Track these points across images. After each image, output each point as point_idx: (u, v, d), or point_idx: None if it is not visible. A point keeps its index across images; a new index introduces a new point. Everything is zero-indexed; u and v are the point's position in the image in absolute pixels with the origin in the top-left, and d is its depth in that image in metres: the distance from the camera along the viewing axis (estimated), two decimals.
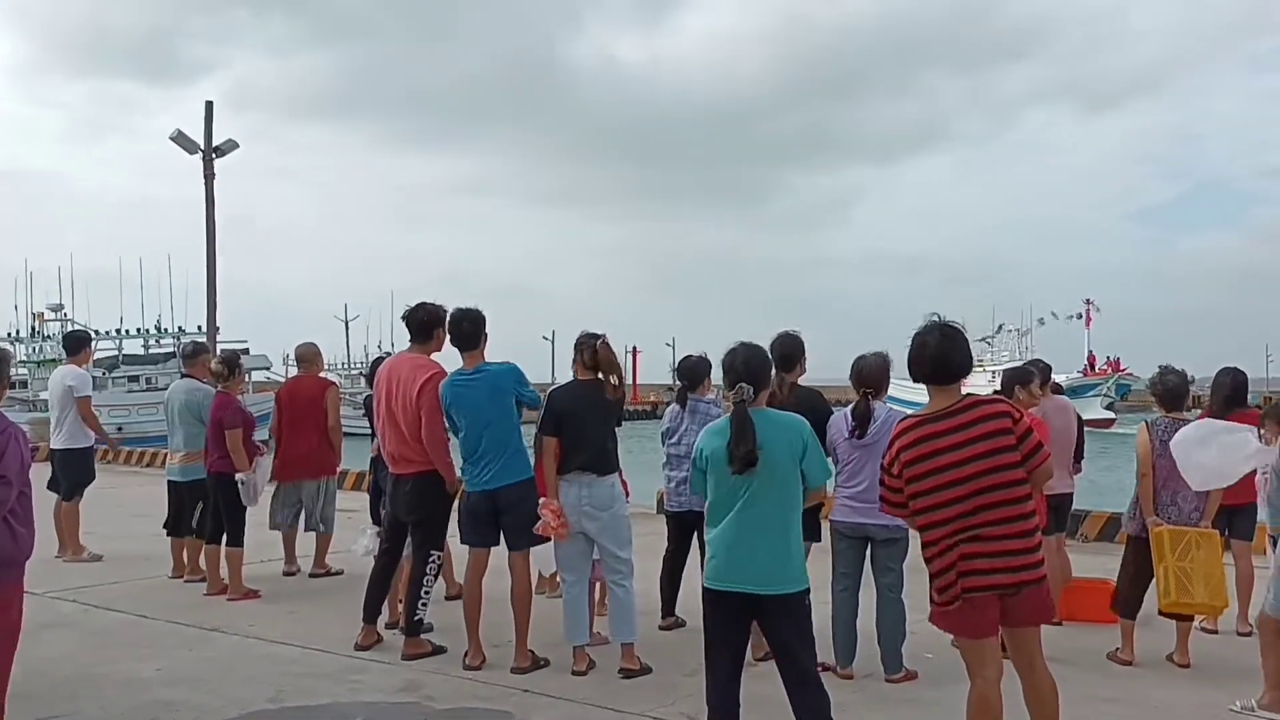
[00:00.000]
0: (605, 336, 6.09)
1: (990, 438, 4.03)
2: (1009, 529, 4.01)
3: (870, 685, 5.80)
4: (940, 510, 4.05)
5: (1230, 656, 6.41)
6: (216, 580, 8.12)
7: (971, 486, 4.00)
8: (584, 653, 6.02)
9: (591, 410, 5.95)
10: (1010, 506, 4.02)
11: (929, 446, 4.08)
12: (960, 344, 4.23)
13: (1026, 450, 4.05)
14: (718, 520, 4.26)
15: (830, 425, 5.99)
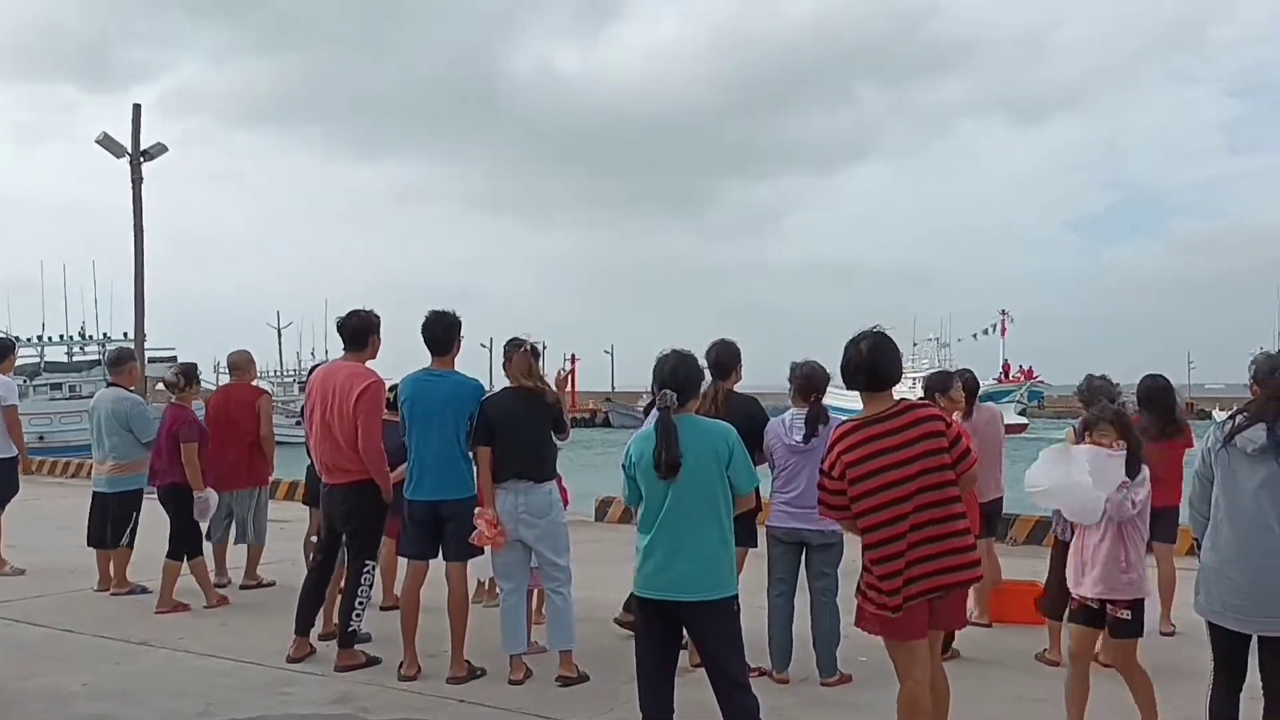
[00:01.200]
0: (529, 345, 6.04)
1: (928, 439, 4.17)
2: (947, 528, 4.15)
3: (805, 689, 5.86)
4: (885, 511, 4.14)
5: (1154, 656, 6.57)
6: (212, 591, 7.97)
7: (914, 486, 4.12)
8: (521, 661, 5.99)
9: (524, 417, 5.92)
10: (946, 507, 4.16)
11: (872, 448, 4.17)
12: (892, 351, 4.37)
13: (956, 455, 4.21)
14: (647, 528, 4.29)
15: (767, 431, 6.05)
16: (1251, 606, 4.21)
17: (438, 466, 5.97)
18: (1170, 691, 5.77)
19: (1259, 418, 4.25)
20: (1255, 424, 4.23)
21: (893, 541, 4.13)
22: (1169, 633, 6.98)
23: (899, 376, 4.35)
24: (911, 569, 4.12)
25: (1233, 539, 4.27)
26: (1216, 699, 4.40)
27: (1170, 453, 7.02)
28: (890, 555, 4.13)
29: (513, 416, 5.93)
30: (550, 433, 6.02)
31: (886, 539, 4.14)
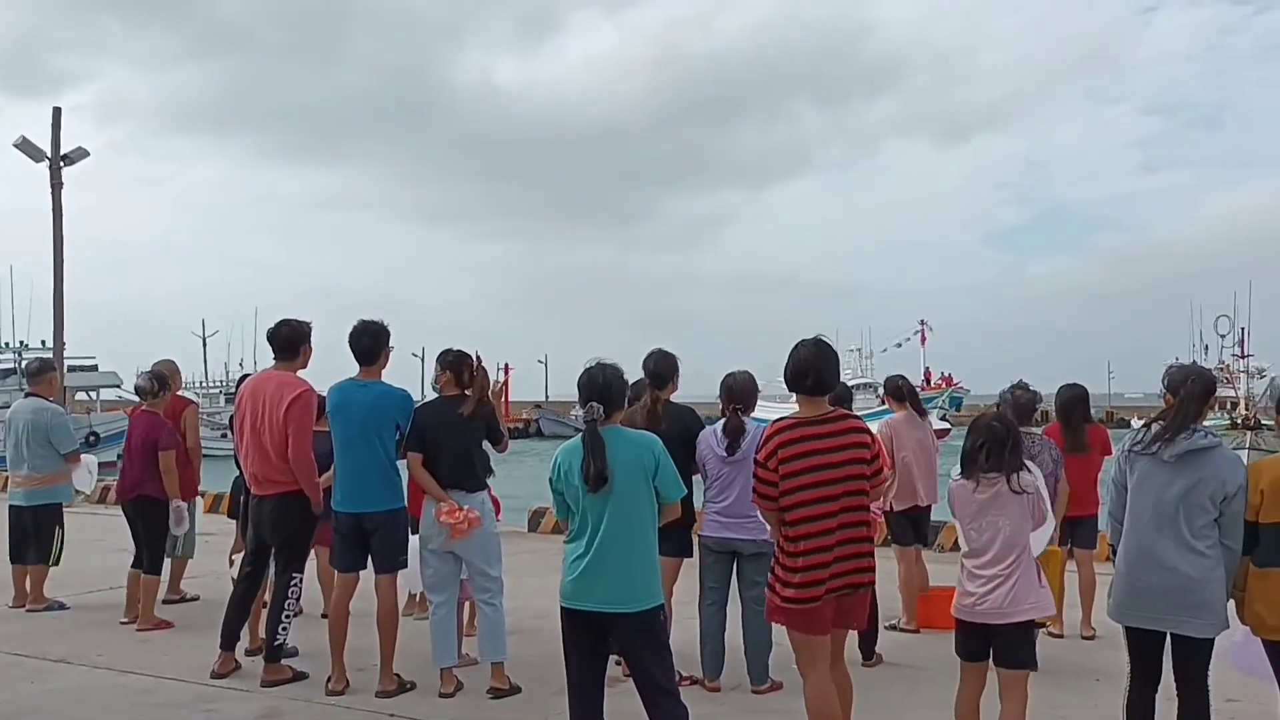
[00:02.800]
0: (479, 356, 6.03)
1: (856, 448, 4.44)
2: (860, 532, 4.45)
3: (737, 697, 5.90)
4: (815, 507, 4.37)
5: (1075, 659, 6.74)
6: (135, 607, 7.74)
7: (842, 489, 4.39)
8: (451, 674, 5.95)
9: (456, 426, 5.89)
10: (862, 512, 4.48)
11: (807, 446, 4.40)
12: (834, 359, 4.62)
13: (874, 469, 4.52)
14: (575, 539, 4.32)
15: (700, 441, 6.08)
16: (1163, 607, 4.35)
17: (363, 478, 5.90)
18: (1090, 692, 5.95)
19: (1172, 426, 4.39)
20: (1169, 432, 4.38)
21: (821, 536, 4.36)
22: (1089, 637, 7.18)
23: (836, 385, 4.65)
24: (836, 565, 4.37)
25: (1145, 543, 4.41)
26: (1133, 700, 4.53)
27: (1088, 462, 7.22)
28: (818, 549, 4.35)
29: (445, 425, 5.89)
30: (481, 442, 5.99)
31: (814, 533, 4.36)
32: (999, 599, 4.49)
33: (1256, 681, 4.70)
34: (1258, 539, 4.32)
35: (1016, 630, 4.50)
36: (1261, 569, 4.32)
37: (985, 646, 4.57)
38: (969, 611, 4.59)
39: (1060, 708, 5.68)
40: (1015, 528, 4.53)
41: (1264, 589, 4.31)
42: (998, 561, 4.53)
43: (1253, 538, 4.33)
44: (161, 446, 7.61)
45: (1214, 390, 4.61)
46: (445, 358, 6.09)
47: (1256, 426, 34.93)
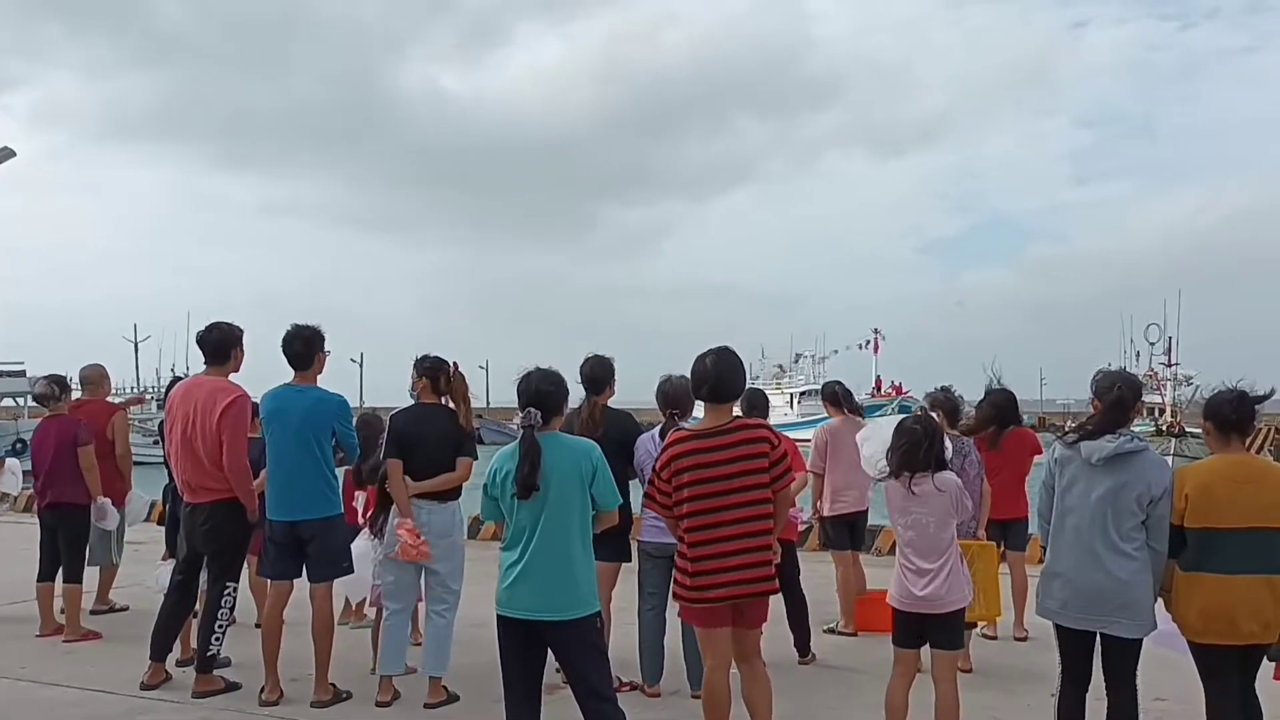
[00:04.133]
0: (457, 364, 6.00)
1: (747, 459, 4.49)
2: (755, 541, 4.49)
3: (676, 701, 5.91)
4: (704, 517, 4.49)
5: (1008, 660, 6.86)
6: (50, 620, 7.52)
7: (735, 499, 4.47)
8: (390, 683, 5.89)
9: (433, 435, 5.84)
10: (757, 522, 4.49)
11: (696, 459, 4.51)
12: (736, 367, 4.69)
13: (776, 474, 4.53)
14: (510, 545, 4.31)
15: (638, 446, 6.08)
16: (1091, 606, 4.45)
17: (298, 485, 5.81)
18: (1022, 692, 6.05)
19: (1100, 430, 4.50)
20: (1097, 436, 4.48)
21: (714, 544, 4.48)
22: (1022, 638, 7.31)
23: (739, 393, 4.76)
24: (722, 574, 4.47)
25: (1074, 544, 4.51)
26: (1064, 699, 4.63)
27: (1018, 465, 7.36)
28: (712, 555, 4.48)
29: (422, 433, 5.85)
30: (456, 451, 5.89)
31: (707, 541, 4.49)
32: (935, 590, 4.80)
33: (1183, 681, 4.83)
34: (1185, 543, 4.43)
35: (951, 616, 4.86)
36: (1188, 572, 4.43)
37: (920, 633, 4.89)
38: (910, 602, 4.86)
39: (994, 708, 5.78)
40: (940, 522, 4.86)
41: (1191, 592, 4.42)
42: (929, 555, 4.84)
43: (1180, 542, 4.45)
44: (80, 442, 7.44)
45: (1140, 395, 4.71)
46: (422, 364, 6.04)
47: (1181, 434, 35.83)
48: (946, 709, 4.84)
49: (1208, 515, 4.36)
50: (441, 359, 6.03)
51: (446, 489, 5.86)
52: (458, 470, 5.85)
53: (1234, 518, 4.33)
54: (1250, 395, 4.48)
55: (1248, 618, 4.34)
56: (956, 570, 4.87)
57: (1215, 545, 4.35)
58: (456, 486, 5.93)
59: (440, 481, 5.82)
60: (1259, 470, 4.47)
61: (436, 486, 5.82)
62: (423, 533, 5.78)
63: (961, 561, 4.93)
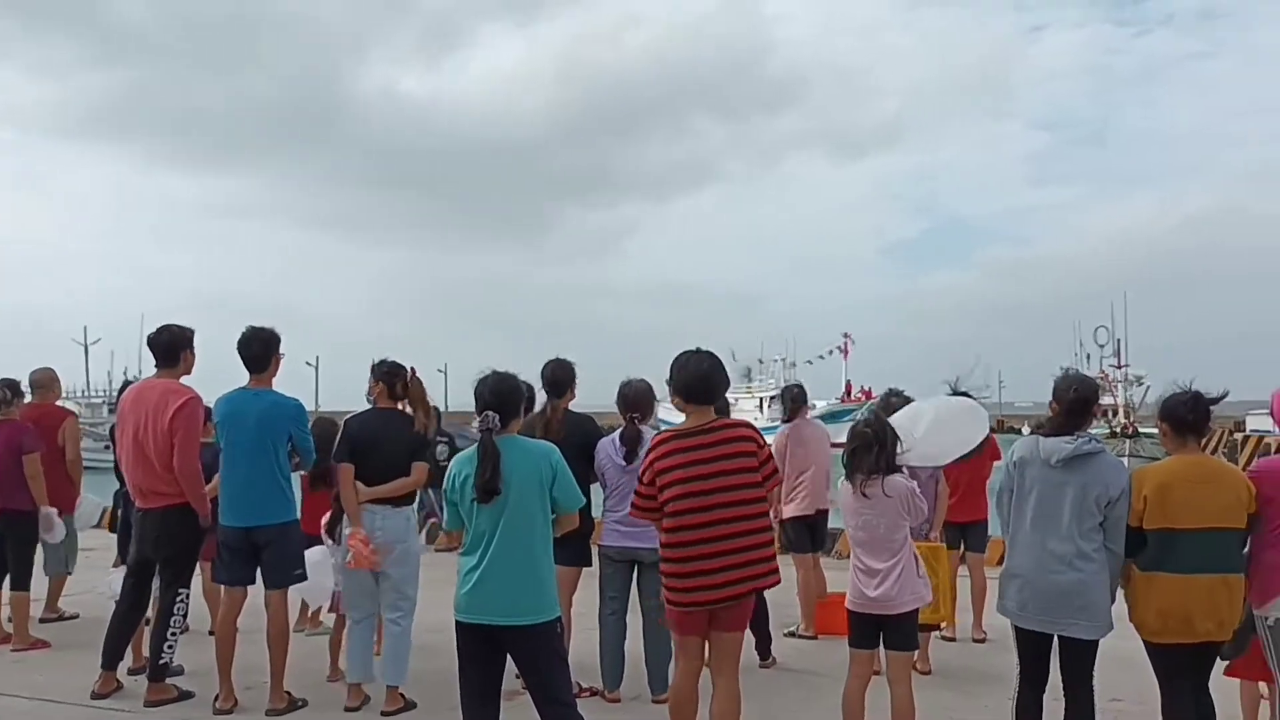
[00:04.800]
0: (414, 368, 5.94)
1: (736, 457, 4.46)
2: (745, 541, 4.46)
3: (637, 707, 5.89)
4: (687, 517, 4.44)
5: (966, 662, 6.91)
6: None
7: (718, 499, 4.42)
8: (360, 689, 5.84)
9: (389, 439, 5.78)
10: (748, 521, 4.46)
11: (681, 459, 4.46)
12: (719, 368, 4.67)
13: (766, 473, 4.53)
14: (470, 550, 4.26)
15: (599, 450, 6.06)
16: (1050, 608, 4.49)
17: (254, 490, 5.72)
18: (981, 694, 6.09)
19: (1059, 432, 4.54)
20: (1056, 437, 4.52)
21: (699, 545, 4.44)
22: (980, 639, 7.36)
23: (721, 394, 4.73)
24: (722, 574, 4.42)
25: (1033, 545, 4.54)
26: (1022, 700, 4.66)
27: (976, 468, 7.41)
28: (697, 556, 4.44)
29: (378, 438, 5.78)
30: (412, 457, 5.82)
31: (691, 542, 4.45)
32: (886, 591, 4.83)
33: (1139, 681, 4.88)
34: (1145, 544, 4.48)
35: (904, 617, 4.88)
36: (1146, 573, 4.48)
37: (876, 634, 4.92)
38: (864, 604, 4.90)
39: (952, 709, 5.82)
40: (891, 524, 4.88)
41: (1149, 592, 4.48)
42: (880, 557, 4.87)
43: (1138, 543, 4.50)
44: (25, 450, 7.28)
45: (1097, 397, 4.76)
46: (380, 369, 5.97)
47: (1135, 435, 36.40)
48: (903, 710, 4.85)
49: (1166, 516, 4.41)
50: (398, 364, 5.98)
51: (401, 494, 5.80)
52: (412, 475, 5.79)
53: (1192, 518, 4.39)
54: (1205, 396, 4.54)
55: (1204, 617, 4.40)
56: (909, 572, 4.88)
57: (1173, 546, 4.41)
58: (411, 492, 5.87)
59: (394, 487, 5.76)
60: (1215, 471, 4.54)
61: (390, 492, 5.75)
62: (376, 538, 5.72)
63: (917, 563, 4.95)
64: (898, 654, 4.91)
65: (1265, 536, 4.49)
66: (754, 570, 4.47)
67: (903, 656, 4.94)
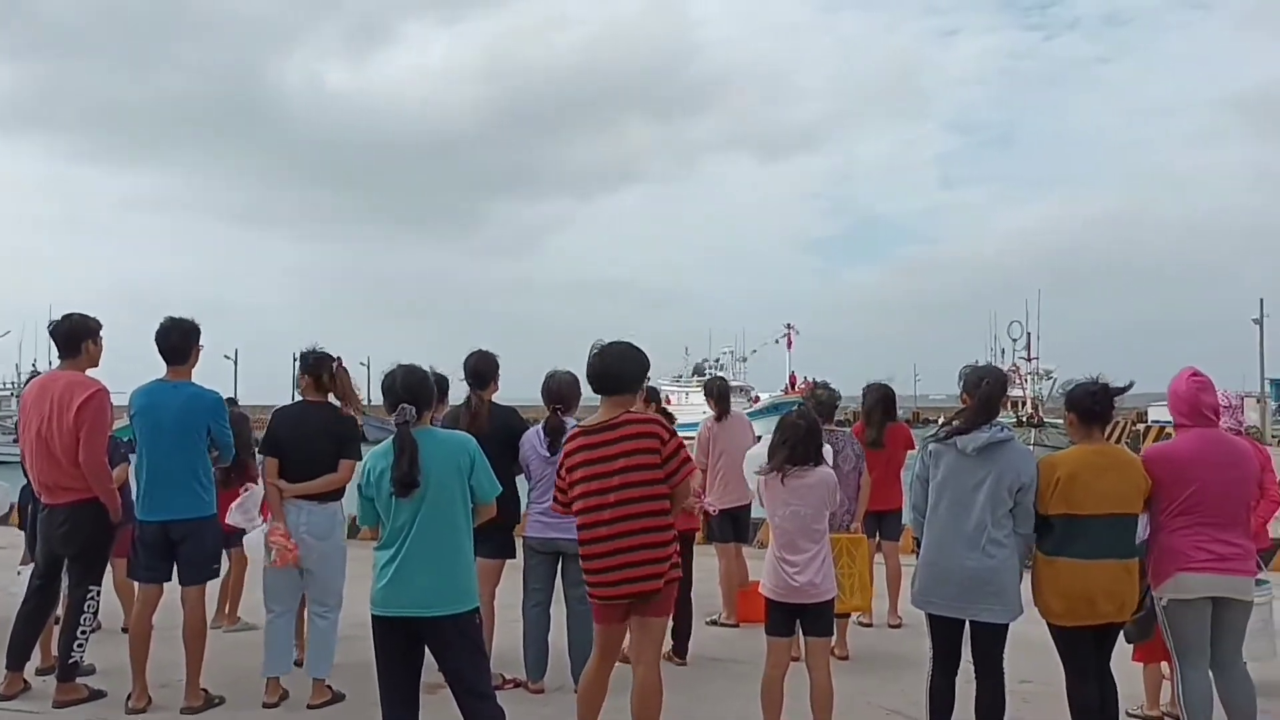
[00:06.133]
0: (340, 359, 5.83)
1: (637, 454, 4.44)
2: (642, 539, 4.42)
3: (560, 698, 5.89)
4: (589, 515, 4.49)
5: (883, 647, 7.07)
6: None
7: (615, 496, 4.42)
8: (277, 684, 5.77)
9: (315, 433, 5.69)
10: (646, 519, 4.43)
11: (585, 455, 4.50)
12: (629, 359, 4.63)
13: (670, 469, 4.46)
14: (388, 544, 4.23)
15: (523, 441, 6.06)
16: (963, 594, 4.63)
17: (171, 484, 5.60)
18: (897, 678, 6.24)
19: (971, 423, 4.67)
20: (968, 428, 4.66)
21: (599, 543, 4.47)
22: (896, 625, 7.54)
23: (629, 386, 4.60)
24: (623, 570, 4.43)
25: (946, 534, 4.68)
26: (935, 684, 4.80)
27: (891, 457, 7.59)
28: (598, 554, 4.47)
29: (304, 431, 5.68)
30: (339, 450, 5.72)
31: (592, 539, 4.49)
32: (811, 579, 4.93)
33: (1046, 663, 5.05)
34: (1050, 530, 4.64)
35: (824, 605, 5.00)
36: (1050, 557, 4.65)
37: (794, 622, 5.02)
38: (786, 592, 4.97)
39: (869, 694, 5.95)
40: (815, 514, 4.99)
41: (1053, 577, 4.64)
42: (805, 546, 4.96)
43: (1043, 528, 4.66)
44: None
45: (1006, 388, 4.92)
46: (305, 360, 5.86)
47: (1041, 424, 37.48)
48: (822, 695, 4.95)
49: (1070, 503, 4.58)
50: (325, 353, 5.88)
51: (327, 491, 5.73)
52: (339, 472, 5.72)
53: (1095, 505, 4.57)
54: (1110, 388, 4.72)
55: (1106, 599, 4.59)
56: (829, 559, 5.03)
57: (1078, 531, 4.58)
58: (339, 488, 5.81)
59: (319, 484, 5.68)
60: (1117, 459, 4.73)
61: (315, 489, 5.68)
62: (301, 532, 5.65)
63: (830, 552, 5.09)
64: (817, 640, 5.01)
65: (1158, 520, 4.71)
66: (650, 570, 4.43)
67: (822, 643, 5.04)
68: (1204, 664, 4.67)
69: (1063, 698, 4.79)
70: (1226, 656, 4.68)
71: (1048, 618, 4.72)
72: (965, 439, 4.65)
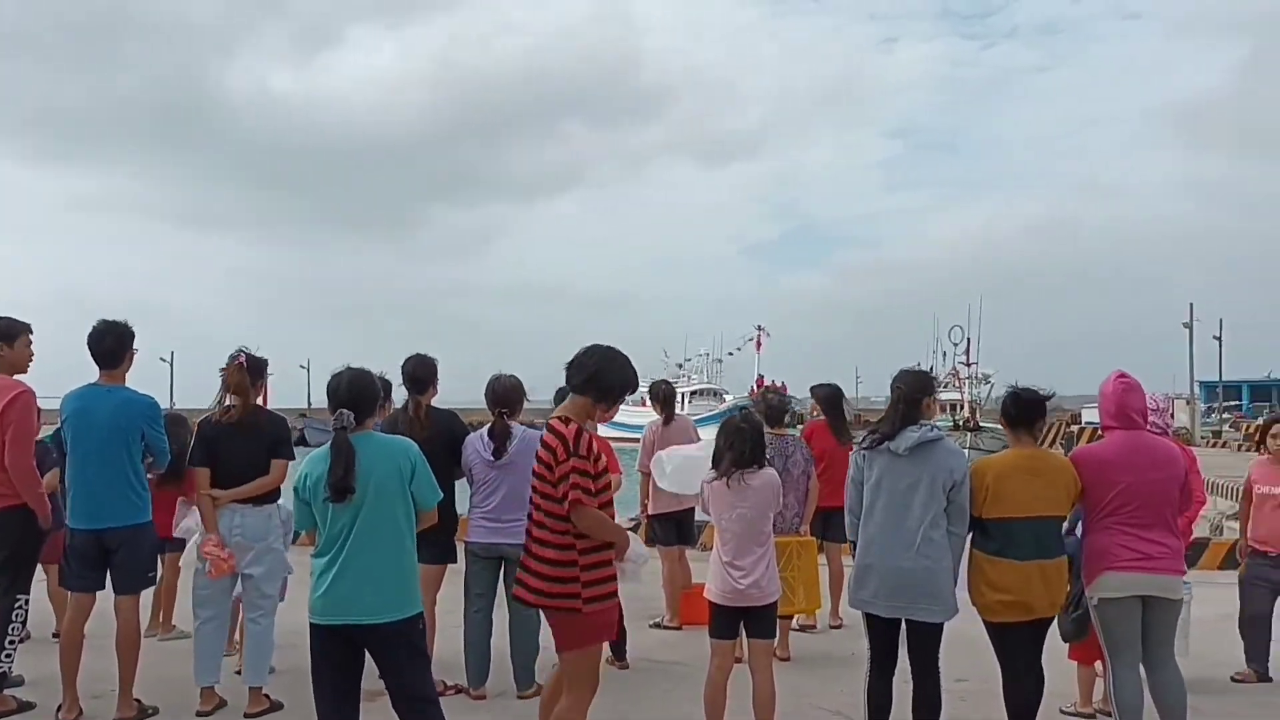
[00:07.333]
0: (242, 358, 5.69)
1: (541, 462, 4.21)
2: (539, 551, 4.19)
3: (502, 704, 5.88)
4: None
5: (824, 648, 7.14)
6: None
7: (530, 504, 4.28)
8: (213, 692, 5.67)
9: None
10: (540, 531, 4.19)
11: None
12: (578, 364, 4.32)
13: (562, 492, 4.11)
14: (325, 550, 4.15)
15: (466, 445, 6.03)
16: (899, 594, 4.70)
17: (104, 491, 5.48)
18: (837, 678, 6.30)
19: (894, 426, 4.75)
20: (893, 431, 4.73)
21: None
22: (837, 626, 7.61)
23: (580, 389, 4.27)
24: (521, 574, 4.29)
25: (882, 534, 4.75)
26: (873, 684, 4.86)
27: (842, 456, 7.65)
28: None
29: (231, 435, 5.58)
30: (271, 452, 5.63)
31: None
32: (756, 581, 4.95)
33: (981, 662, 5.14)
34: (986, 532, 4.74)
35: (768, 607, 5.03)
36: (990, 558, 4.74)
37: (738, 624, 5.05)
38: (732, 596, 4.98)
39: (810, 694, 6.00)
40: (761, 516, 5.03)
41: (990, 577, 4.74)
42: (751, 549, 4.98)
43: (980, 531, 4.75)
44: None
45: (928, 388, 4.96)
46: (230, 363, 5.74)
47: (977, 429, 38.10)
48: (764, 697, 4.99)
49: (1003, 505, 4.69)
50: (255, 357, 5.77)
51: (261, 493, 5.65)
52: (271, 473, 5.64)
53: (1025, 507, 4.68)
54: (1028, 397, 4.84)
55: (1039, 597, 4.70)
56: (773, 562, 5.06)
57: (1010, 533, 4.69)
58: (273, 489, 5.73)
59: (253, 488, 5.59)
60: (1046, 463, 4.85)
61: (248, 493, 5.59)
62: (234, 536, 5.56)
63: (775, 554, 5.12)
64: (760, 642, 5.05)
65: (1089, 521, 4.83)
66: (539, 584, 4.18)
67: (765, 644, 5.08)
68: (1135, 662, 4.78)
69: (998, 695, 4.88)
70: (1158, 654, 4.79)
71: (985, 617, 4.81)
72: (896, 440, 4.72)
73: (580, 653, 4.22)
